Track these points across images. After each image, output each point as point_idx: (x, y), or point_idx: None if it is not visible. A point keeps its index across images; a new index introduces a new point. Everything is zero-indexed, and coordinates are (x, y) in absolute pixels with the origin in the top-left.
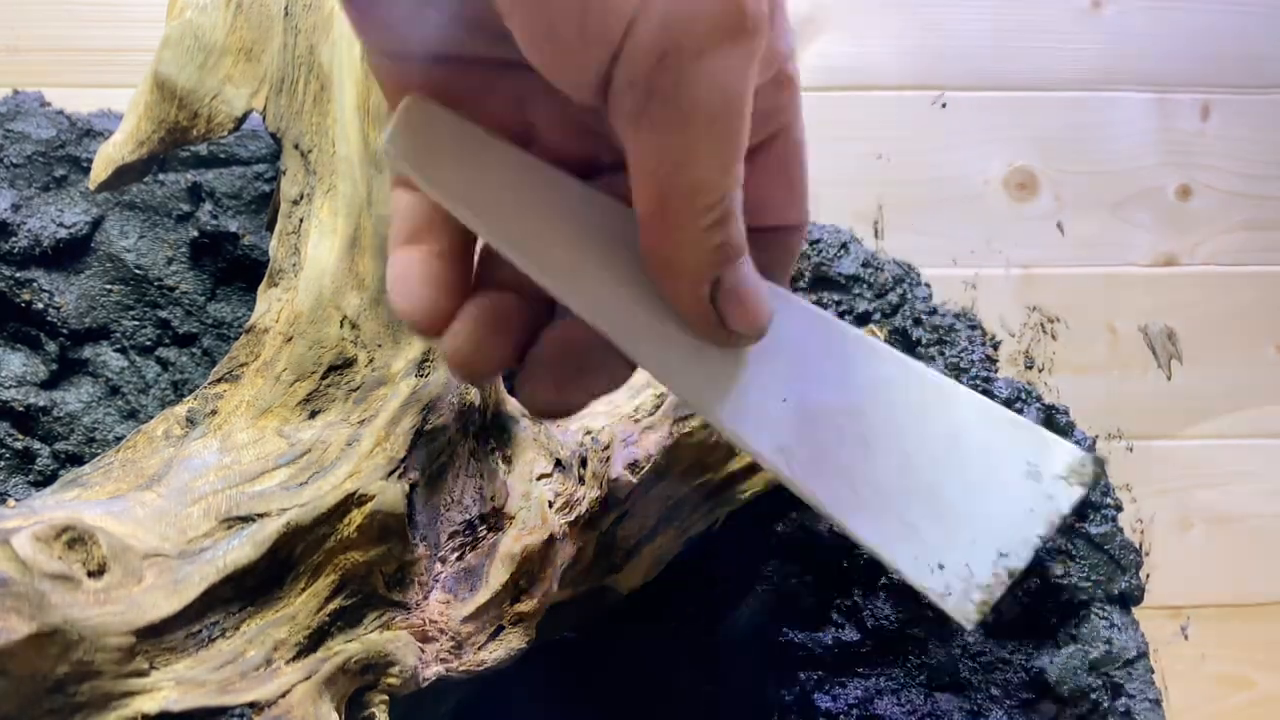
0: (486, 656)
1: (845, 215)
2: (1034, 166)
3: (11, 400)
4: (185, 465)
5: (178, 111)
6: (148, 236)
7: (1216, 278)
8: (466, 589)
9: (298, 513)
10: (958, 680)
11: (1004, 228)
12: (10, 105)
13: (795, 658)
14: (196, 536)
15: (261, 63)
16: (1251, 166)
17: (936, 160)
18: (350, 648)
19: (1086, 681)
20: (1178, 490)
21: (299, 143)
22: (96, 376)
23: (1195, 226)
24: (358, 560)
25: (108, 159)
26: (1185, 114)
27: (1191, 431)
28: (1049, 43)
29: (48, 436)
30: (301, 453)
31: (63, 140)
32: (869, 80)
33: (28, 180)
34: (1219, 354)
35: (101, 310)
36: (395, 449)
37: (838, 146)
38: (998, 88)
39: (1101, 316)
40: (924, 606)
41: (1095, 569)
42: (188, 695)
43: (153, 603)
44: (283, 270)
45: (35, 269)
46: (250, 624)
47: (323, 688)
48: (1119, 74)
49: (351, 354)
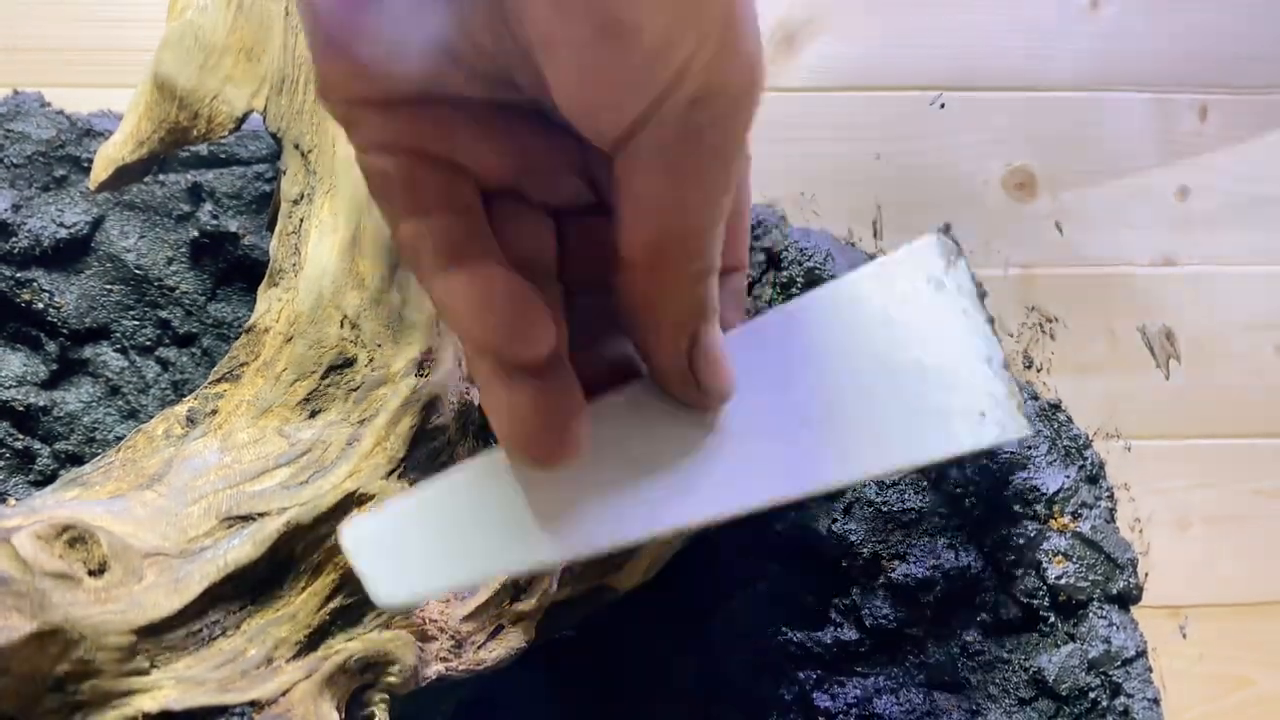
0: (486, 656)
1: (844, 215)
2: (1033, 166)
3: (12, 400)
4: (185, 465)
5: (178, 112)
6: (148, 236)
7: (1215, 278)
8: (466, 589)
9: (298, 512)
10: (956, 679)
11: (1003, 228)
12: (10, 105)
13: (794, 657)
14: (197, 536)
15: (262, 63)
16: (1250, 167)
17: (935, 160)
18: (350, 646)
19: (1085, 681)
20: (1176, 490)
21: (299, 143)
22: (96, 376)
23: (1194, 227)
24: None
25: (108, 159)
26: (1184, 114)
27: (1190, 431)
28: (1048, 43)
29: (48, 436)
30: (302, 452)
31: (63, 140)
32: (868, 80)
33: (28, 180)
34: (1217, 354)
35: (102, 310)
36: (395, 448)
37: (836, 146)
38: (997, 88)
39: (1100, 317)
40: (923, 606)
41: (1093, 568)
42: (188, 694)
43: (153, 601)
44: (283, 270)
45: (35, 269)
46: (251, 623)
47: (323, 686)
48: (1118, 74)
49: (351, 354)
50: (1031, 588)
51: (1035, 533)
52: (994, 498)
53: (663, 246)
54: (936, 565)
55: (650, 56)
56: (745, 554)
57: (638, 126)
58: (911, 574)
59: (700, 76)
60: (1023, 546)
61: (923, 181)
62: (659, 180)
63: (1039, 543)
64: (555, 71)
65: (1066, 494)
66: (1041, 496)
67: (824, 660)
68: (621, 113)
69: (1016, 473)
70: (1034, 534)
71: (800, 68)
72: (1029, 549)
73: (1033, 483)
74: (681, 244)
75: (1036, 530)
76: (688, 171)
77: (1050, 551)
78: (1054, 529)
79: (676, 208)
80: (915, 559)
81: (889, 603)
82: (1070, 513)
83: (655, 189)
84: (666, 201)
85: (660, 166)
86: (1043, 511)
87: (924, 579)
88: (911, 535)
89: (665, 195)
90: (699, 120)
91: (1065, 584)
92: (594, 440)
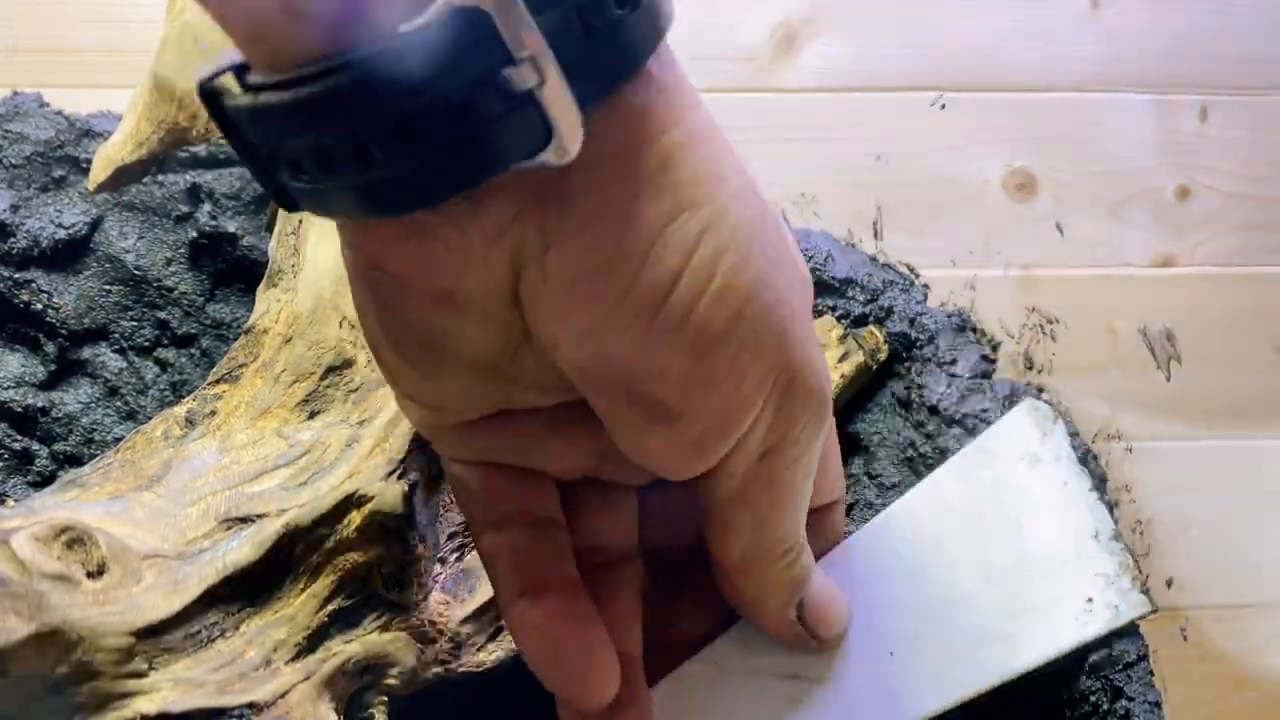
0: (486, 657)
1: (844, 217)
2: (1033, 167)
3: (10, 401)
4: (184, 466)
5: (177, 112)
6: (147, 237)
7: (1216, 279)
8: (465, 590)
9: (297, 513)
10: None
11: (1003, 229)
12: (9, 106)
13: None
14: (196, 537)
15: None
16: (1251, 168)
17: (935, 161)
18: (349, 648)
19: (1086, 685)
20: (1177, 491)
21: None
22: (95, 377)
23: (1194, 227)
24: (357, 561)
25: (107, 160)
26: (1184, 115)
27: (1191, 432)
28: (1048, 43)
29: (46, 437)
30: (301, 453)
31: (61, 141)
32: (868, 81)
33: (26, 181)
34: (1218, 355)
35: (100, 311)
36: (394, 449)
37: (836, 148)
38: (997, 88)
39: (1101, 317)
40: None
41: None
42: (187, 696)
43: (152, 603)
44: (282, 271)
45: (34, 270)
46: (249, 625)
47: (322, 688)
48: (1118, 75)
49: (351, 354)
50: None
51: None
52: None
53: (755, 556)
54: None
55: (704, 435)
56: None
57: (708, 478)
58: None
59: (765, 436)
60: None
61: (923, 182)
62: (739, 512)
63: None
64: (614, 437)
65: None
66: None
67: None
68: (683, 469)
69: None
70: None
71: (800, 68)
72: None
73: None
74: (771, 550)
75: None
76: (766, 506)
77: None
78: None
79: (758, 529)
80: None
81: None
82: None
83: (736, 518)
84: (747, 525)
85: (738, 502)
86: None
87: None
88: None
89: (746, 522)
90: (773, 468)
91: None
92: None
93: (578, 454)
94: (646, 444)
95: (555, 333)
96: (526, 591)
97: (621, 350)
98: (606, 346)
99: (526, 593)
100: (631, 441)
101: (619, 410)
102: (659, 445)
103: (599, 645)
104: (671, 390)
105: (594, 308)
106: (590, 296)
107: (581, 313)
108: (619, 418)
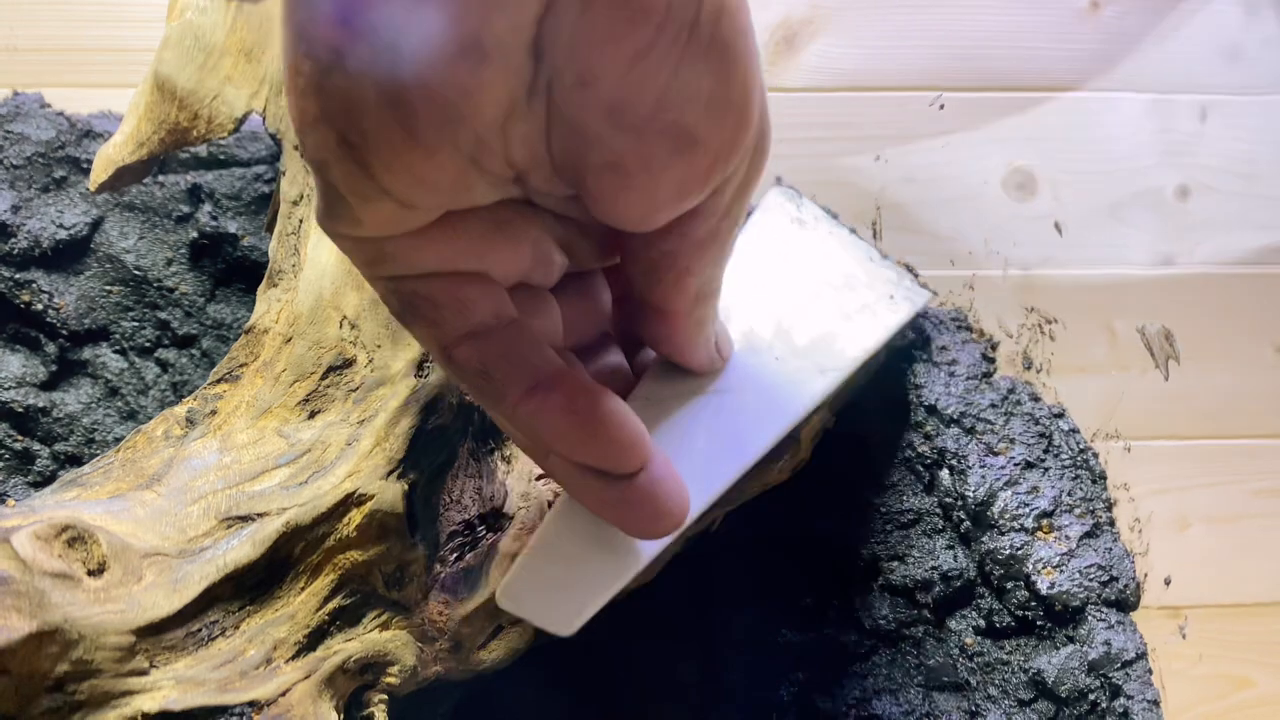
0: (485, 656)
1: (844, 216)
2: (1032, 167)
3: (11, 401)
4: (185, 465)
5: (178, 112)
6: (147, 238)
7: (1214, 279)
8: (466, 589)
9: (297, 512)
10: (956, 680)
11: (1002, 228)
12: (10, 106)
13: (793, 658)
14: (196, 536)
15: (262, 63)
16: (1250, 168)
17: (935, 161)
18: (349, 647)
19: (1085, 682)
20: (1175, 490)
21: (299, 144)
22: (96, 378)
23: (1193, 228)
24: (357, 560)
25: (107, 160)
26: (1183, 115)
27: (1189, 432)
28: (1048, 43)
29: (47, 437)
30: (301, 453)
31: (62, 141)
32: (867, 80)
33: (27, 181)
34: (1217, 355)
35: (101, 311)
36: (395, 449)
37: (836, 147)
38: (997, 88)
39: (1100, 317)
40: (922, 607)
41: (1092, 569)
42: (187, 694)
43: (152, 602)
44: (282, 271)
45: (35, 270)
46: (250, 623)
47: (322, 687)
48: (1117, 75)
49: (351, 354)
50: (1029, 588)
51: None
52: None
53: (704, 294)
54: (935, 566)
55: (714, 163)
56: (744, 556)
57: (691, 217)
58: (910, 575)
59: (749, 169)
60: (1010, 558)
61: (923, 181)
62: (705, 252)
63: (1033, 551)
64: (611, 182)
65: (1064, 507)
66: (1038, 508)
67: (823, 661)
68: (677, 210)
69: (1008, 487)
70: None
71: (800, 68)
72: (1015, 561)
73: (1030, 490)
74: (711, 288)
75: (1023, 541)
76: (724, 242)
77: (1047, 553)
78: (1045, 539)
79: (715, 265)
80: (914, 560)
81: (888, 604)
82: (1071, 520)
83: (699, 259)
84: (708, 264)
85: (709, 242)
86: (1039, 523)
87: (922, 580)
88: (910, 536)
89: (707, 260)
90: (740, 203)
91: (1064, 585)
92: None
93: (519, 256)
94: (657, 183)
95: (596, 64)
96: (539, 384)
97: (663, 74)
98: (650, 69)
99: (539, 384)
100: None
101: (646, 145)
102: (673, 179)
103: (625, 411)
104: (699, 114)
105: (641, 30)
106: (637, 18)
107: (629, 37)
108: (640, 157)
